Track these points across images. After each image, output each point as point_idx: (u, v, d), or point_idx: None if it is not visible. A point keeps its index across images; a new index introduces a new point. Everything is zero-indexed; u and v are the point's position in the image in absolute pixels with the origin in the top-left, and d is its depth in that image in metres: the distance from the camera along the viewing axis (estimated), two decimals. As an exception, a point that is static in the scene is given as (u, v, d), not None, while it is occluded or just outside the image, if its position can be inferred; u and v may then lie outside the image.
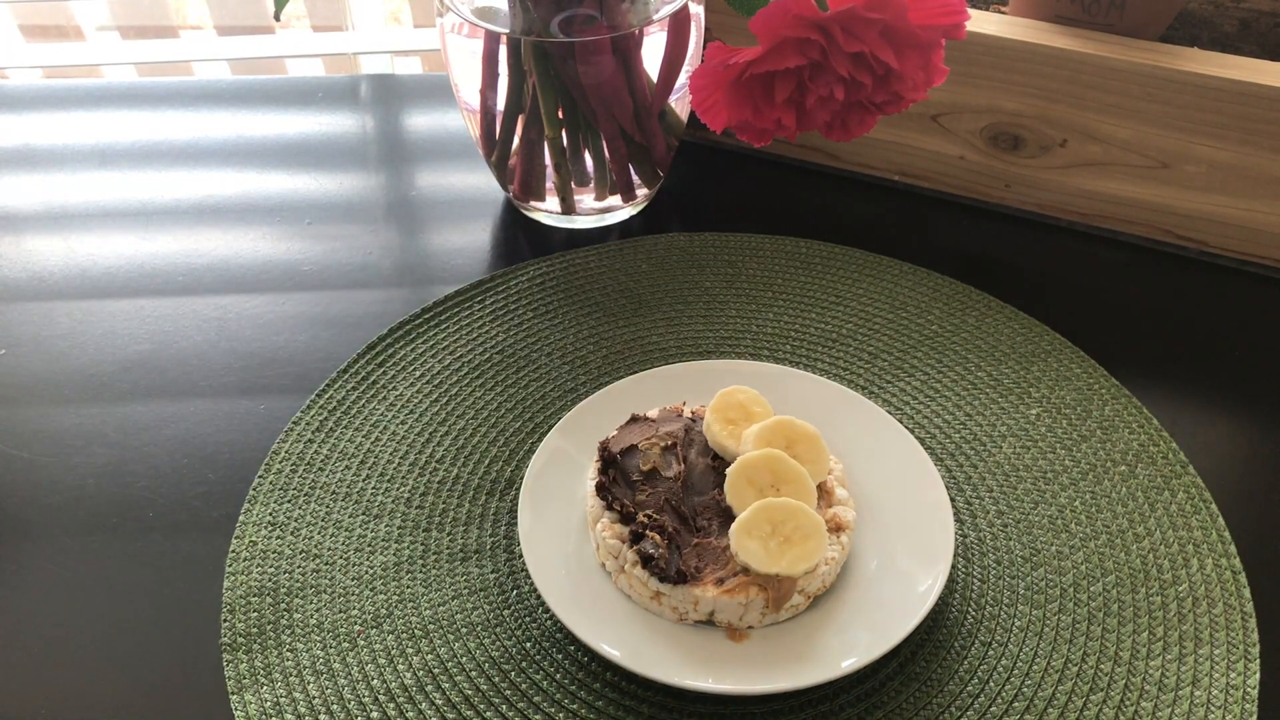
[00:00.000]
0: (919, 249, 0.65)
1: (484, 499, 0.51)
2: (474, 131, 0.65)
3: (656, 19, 0.59)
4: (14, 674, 0.44)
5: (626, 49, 0.58)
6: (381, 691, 0.44)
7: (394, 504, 0.51)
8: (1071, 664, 0.45)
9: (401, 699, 0.44)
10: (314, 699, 0.43)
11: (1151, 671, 0.45)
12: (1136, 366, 0.58)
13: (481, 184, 0.70)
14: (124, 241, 0.66)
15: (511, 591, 0.47)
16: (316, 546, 0.49)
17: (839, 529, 0.46)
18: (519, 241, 0.67)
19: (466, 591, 0.47)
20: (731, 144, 0.73)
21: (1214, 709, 0.43)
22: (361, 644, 0.45)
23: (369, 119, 0.77)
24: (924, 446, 0.52)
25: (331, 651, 0.45)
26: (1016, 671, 0.45)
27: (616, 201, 0.66)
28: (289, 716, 0.43)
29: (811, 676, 0.42)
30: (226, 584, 0.47)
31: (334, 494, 0.51)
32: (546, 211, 0.66)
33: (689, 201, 0.70)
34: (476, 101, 0.62)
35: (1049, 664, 0.45)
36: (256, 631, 0.46)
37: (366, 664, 0.45)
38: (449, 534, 0.50)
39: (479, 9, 0.60)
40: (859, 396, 0.53)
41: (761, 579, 0.43)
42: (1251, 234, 0.63)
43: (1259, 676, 0.44)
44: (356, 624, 0.46)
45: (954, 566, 0.48)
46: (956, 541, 0.49)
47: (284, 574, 0.48)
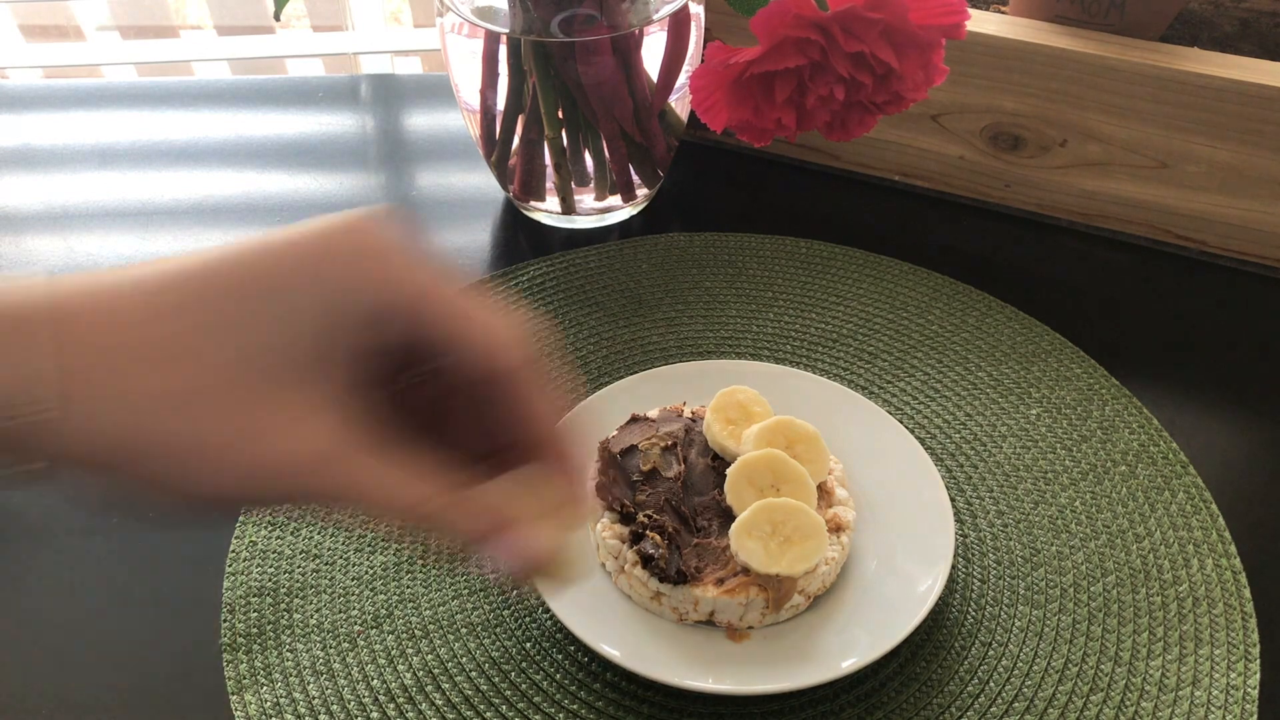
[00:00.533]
0: (919, 249, 0.65)
1: (484, 499, 0.51)
2: (474, 131, 0.65)
3: (656, 19, 0.59)
4: (14, 674, 0.44)
5: (626, 49, 0.58)
6: (381, 692, 0.44)
7: (394, 504, 0.51)
8: (1072, 664, 0.45)
9: (401, 699, 0.44)
10: (314, 699, 0.43)
11: (1152, 672, 0.45)
12: (1137, 366, 0.58)
13: (481, 184, 0.70)
14: (124, 241, 0.66)
15: (511, 591, 0.47)
16: (316, 546, 0.49)
17: (839, 529, 0.46)
18: (519, 241, 0.67)
19: (466, 592, 0.47)
20: (732, 144, 0.73)
21: (1214, 709, 0.43)
22: (361, 644, 0.45)
23: (369, 119, 0.77)
24: (924, 446, 0.52)
25: (331, 652, 0.45)
26: (1017, 672, 0.45)
27: (616, 201, 0.66)
28: (289, 717, 0.43)
29: (811, 677, 0.42)
30: (226, 584, 0.47)
31: (334, 494, 0.51)
32: (546, 211, 0.66)
33: (689, 201, 0.70)
34: (476, 101, 0.62)
35: (1049, 664, 0.45)
36: (256, 631, 0.46)
37: (366, 664, 0.45)
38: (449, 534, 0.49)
39: (479, 9, 0.60)
40: (859, 396, 0.53)
41: (761, 579, 0.43)
42: (1251, 234, 0.63)
43: (1259, 677, 0.44)
44: (356, 624, 0.46)
45: (954, 567, 0.48)
46: (957, 541, 0.49)
47: (284, 574, 0.48)
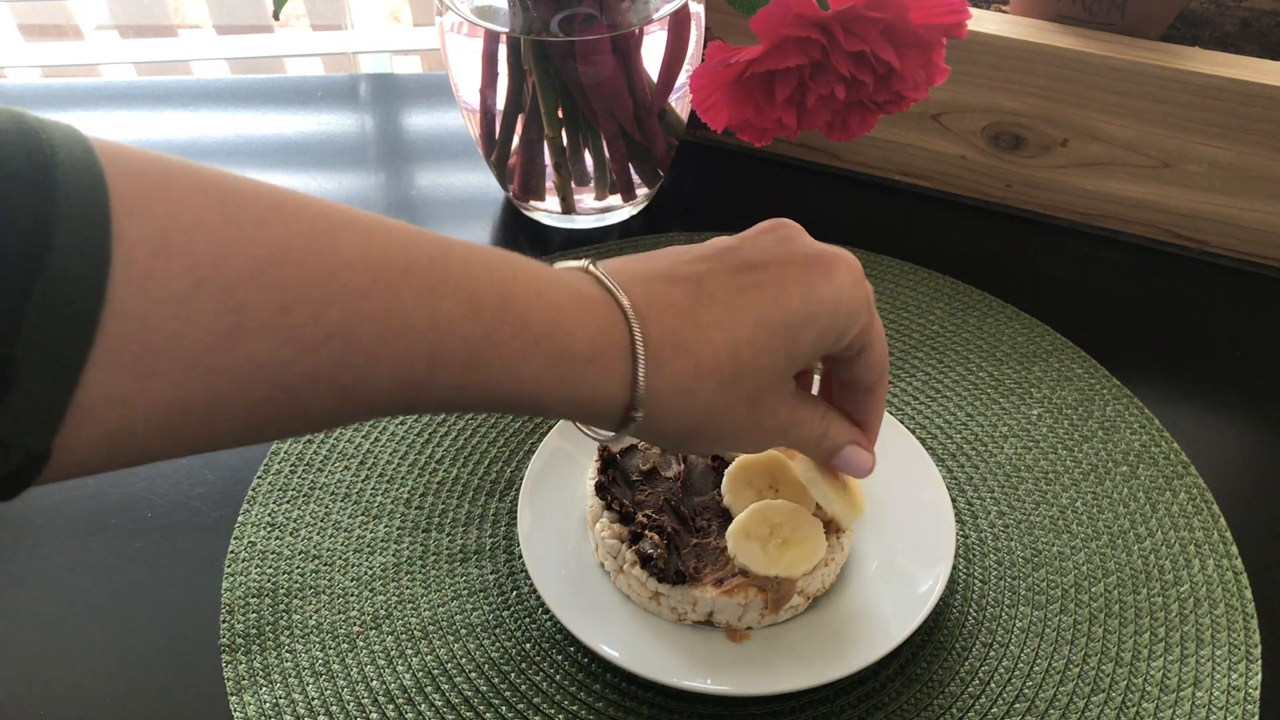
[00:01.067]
0: (919, 249, 0.65)
1: (484, 499, 0.51)
2: (474, 131, 0.65)
3: (656, 18, 0.59)
4: (14, 674, 0.44)
5: (626, 48, 0.58)
6: (381, 693, 0.44)
7: (393, 505, 0.51)
8: (1073, 665, 0.45)
9: (401, 700, 0.44)
10: (313, 700, 0.43)
11: (1153, 672, 0.45)
12: (1138, 367, 0.58)
13: (481, 184, 0.70)
14: (123, 241, 0.66)
15: (511, 592, 0.47)
16: (316, 547, 0.49)
17: (838, 530, 0.46)
18: (519, 241, 0.66)
19: (466, 592, 0.47)
20: (732, 143, 0.73)
21: (1215, 710, 0.43)
22: (361, 645, 0.45)
23: (369, 118, 0.77)
24: (925, 447, 0.52)
25: (331, 652, 0.45)
26: (1018, 673, 0.45)
27: (616, 201, 0.66)
28: (288, 717, 0.43)
29: (812, 678, 0.42)
30: (225, 585, 0.47)
31: (333, 494, 0.51)
32: (546, 211, 0.66)
33: (689, 201, 0.70)
34: (476, 101, 0.62)
35: (1050, 665, 0.45)
36: (255, 632, 0.45)
37: (366, 665, 0.45)
38: (448, 535, 0.49)
39: (479, 8, 0.60)
40: (860, 397, 0.53)
41: (760, 581, 0.43)
42: (1252, 234, 0.63)
43: (1260, 677, 0.44)
44: (356, 625, 0.46)
45: (955, 567, 0.48)
46: (957, 542, 0.49)
47: (283, 575, 0.48)
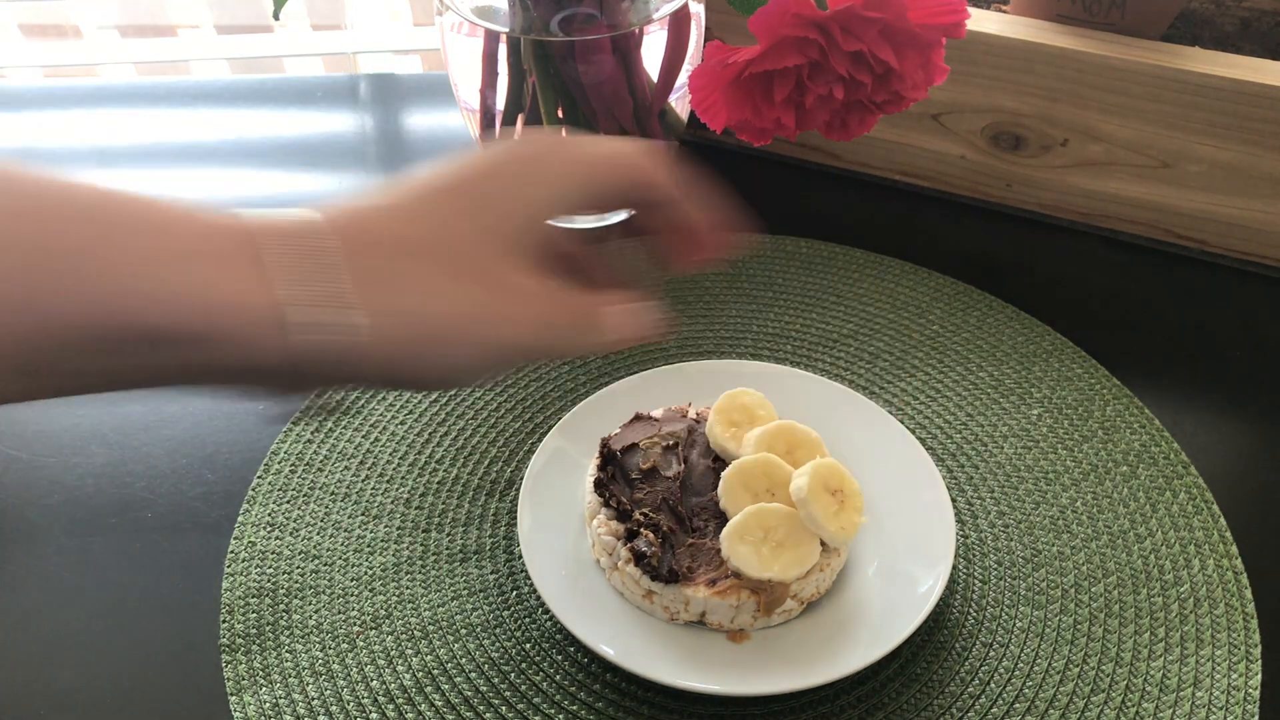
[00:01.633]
0: (919, 249, 0.65)
1: (484, 499, 0.51)
2: (474, 131, 0.65)
3: (656, 18, 0.59)
4: (14, 674, 0.44)
5: (626, 48, 0.58)
6: (381, 693, 0.44)
7: (393, 504, 0.51)
8: (1073, 665, 0.45)
9: (401, 700, 0.44)
10: (313, 700, 0.43)
11: (1153, 673, 0.45)
12: (1138, 367, 0.58)
13: (481, 184, 0.70)
14: (123, 241, 0.66)
15: (511, 592, 0.47)
16: (316, 547, 0.49)
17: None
18: (519, 241, 0.66)
19: (466, 592, 0.47)
20: (731, 143, 0.73)
21: (1215, 710, 0.43)
22: (361, 645, 0.45)
23: (368, 118, 0.77)
24: (925, 447, 0.52)
25: (331, 652, 0.45)
26: (1018, 673, 0.45)
27: (616, 201, 0.66)
28: (288, 717, 0.43)
29: (812, 678, 0.42)
30: (225, 585, 0.47)
31: (333, 494, 0.51)
32: (546, 211, 0.66)
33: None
34: (476, 101, 0.62)
35: (1050, 665, 0.45)
36: (255, 632, 0.45)
37: (366, 665, 0.45)
38: (448, 535, 0.49)
39: (479, 8, 0.60)
40: (860, 397, 0.53)
41: (753, 583, 0.43)
42: (1252, 234, 0.63)
43: (1260, 678, 0.44)
44: (356, 625, 0.46)
45: (955, 567, 0.48)
46: (957, 542, 0.49)
47: (283, 575, 0.48)
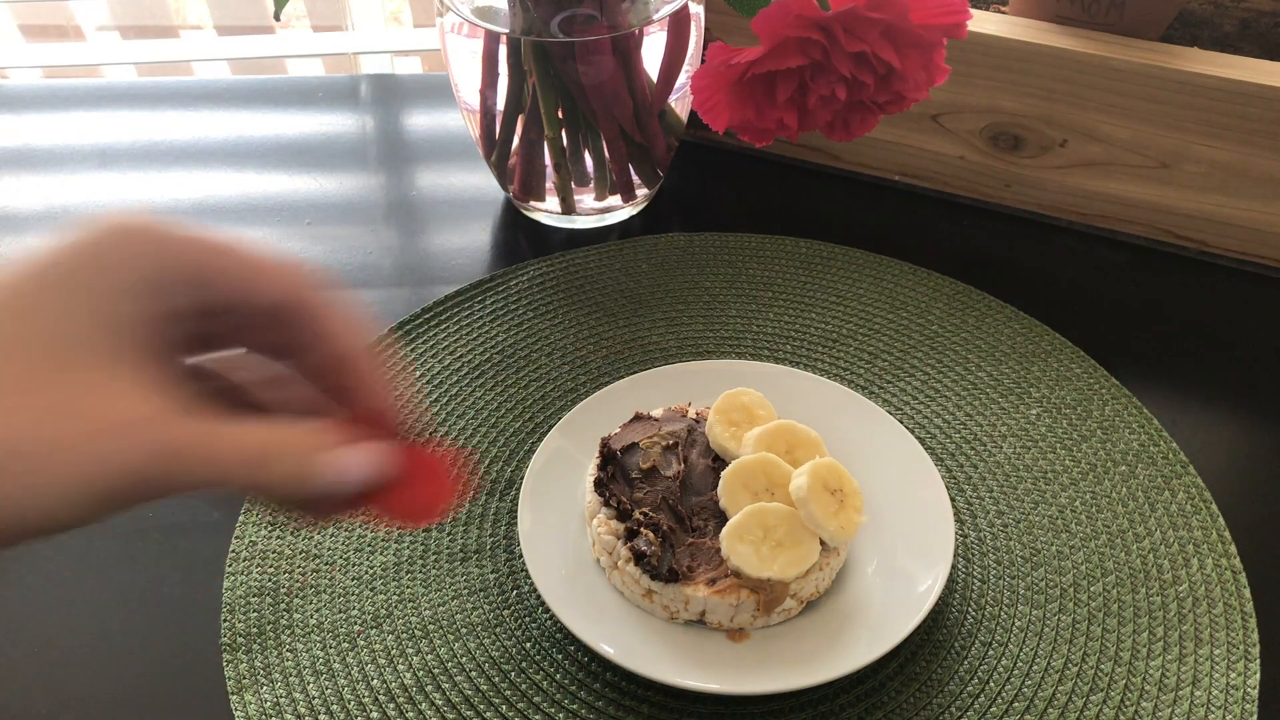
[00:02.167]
0: (919, 249, 0.65)
1: (484, 499, 0.51)
2: (474, 131, 0.65)
3: (656, 19, 0.59)
4: (14, 674, 0.44)
5: (626, 49, 0.58)
6: (381, 692, 0.44)
7: (394, 504, 0.51)
8: (1072, 664, 0.45)
9: (401, 699, 0.44)
10: (314, 699, 0.43)
11: (1151, 671, 0.45)
12: (1136, 366, 0.58)
13: (481, 184, 0.70)
14: (124, 241, 0.66)
15: (511, 591, 0.47)
16: (316, 546, 0.49)
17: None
18: (519, 241, 0.67)
19: (466, 592, 0.47)
20: (732, 144, 0.73)
21: (1214, 709, 0.43)
22: (361, 644, 0.45)
23: (369, 119, 0.77)
24: (924, 446, 0.52)
25: (331, 652, 0.45)
26: (1017, 672, 0.45)
27: (616, 201, 0.66)
28: (289, 717, 0.43)
29: (812, 677, 0.42)
30: (226, 584, 0.47)
31: (334, 494, 0.51)
32: (546, 211, 0.66)
33: (689, 201, 0.70)
34: (476, 101, 0.62)
35: (1049, 664, 0.45)
36: (256, 632, 0.46)
37: (366, 664, 0.45)
38: (449, 534, 0.50)
39: (479, 9, 0.60)
40: (859, 397, 0.53)
41: (752, 582, 0.43)
42: (1251, 234, 0.63)
43: (1259, 676, 0.44)
44: (356, 624, 0.46)
45: (954, 567, 0.48)
46: (957, 541, 0.49)
47: (284, 574, 0.48)
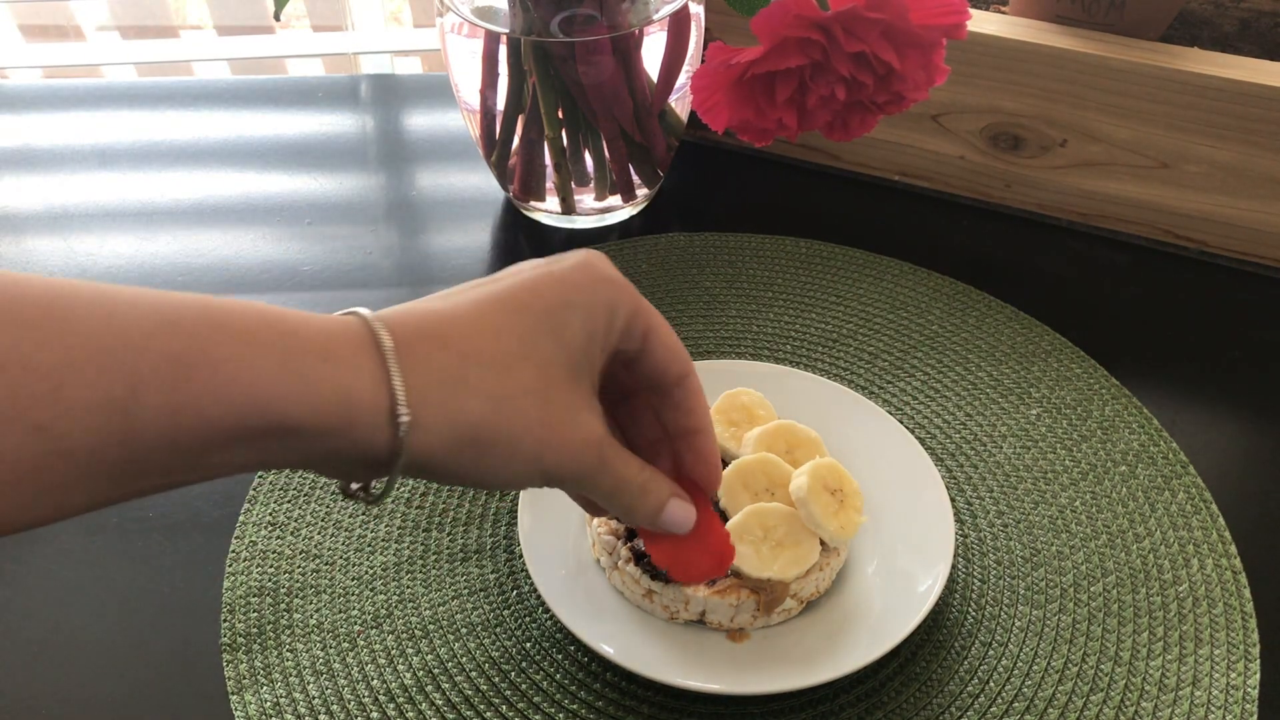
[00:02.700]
0: (919, 249, 0.65)
1: (484, 499, 0.51)
2: (474, 131, 0.65)
3: (656, 19, 0.59)
4: (14, 674, 0.44)
5: (626, 49, 0.58)
6: (381, 692, 0.44)
7: (394, 504, 0.51)
8: (1072, 664, 0.45)
9: (401, 699, 0.44)
10: (314, 699, 0.43)
11: (1152, 672, 0.45)
12: (1136, 366, 0.58)
13: (481, 184, 0.70)
14: (124, 241, 0.66)
15: (511, 591, 0.47)
16: (316, 546, 0.49)
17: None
18: (519, 241, 0.67)
19: (466, 591, 0.47)
20: (732, 144, 0.73)
21: (1214, 709, 0.43)
22: (361, 644, 0.45)
23: (369, 119, 0.77)
24: (924, 447, 0.52)
25: (331, 652, 0.45)
26: (1017, 672, 0.45)
27: (616, 201, 0.66)
28: (289, 717, 0.43)
29: (812, 677, 0.42)
30: (226, 584, 0.47)
31: (334, 494, 0.51)
32: (546, 211, 0.66)
33: (689, 201, 0.70)
34: (476, 101, 0.62)
35: (1049, 664, 0.45)
36: (256, 632, 0.46)
37: (366, 664, 0.45)
38: (449, 534, 0.50)
39: (479, 9, 0.60)
40: (859, 397, 0.53)
41: (753, 582, 0.43)
42: (1251, 234, 0.63)
43: (1259, 676, 0.44)
44: (356, 624, 0.46)
45: (954, 567, 0.48)
46: (957, 541, 0.49)
47: (284, 574, 0.48)
